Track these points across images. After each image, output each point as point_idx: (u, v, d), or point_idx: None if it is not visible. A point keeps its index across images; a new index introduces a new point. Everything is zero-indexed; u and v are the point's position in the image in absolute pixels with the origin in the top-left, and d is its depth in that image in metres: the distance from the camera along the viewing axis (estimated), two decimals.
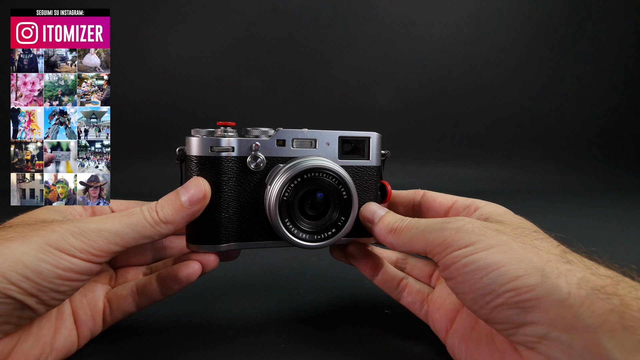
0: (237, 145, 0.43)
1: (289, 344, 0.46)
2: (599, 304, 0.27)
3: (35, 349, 0.36)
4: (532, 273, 0.30)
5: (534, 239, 0.34)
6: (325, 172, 0.43)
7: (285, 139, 0.45)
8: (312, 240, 0.44)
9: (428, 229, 0.38)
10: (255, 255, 0.75)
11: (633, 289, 0.28)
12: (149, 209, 0.38)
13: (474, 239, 0.34)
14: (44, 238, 0.33)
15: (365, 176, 0.48)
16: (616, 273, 0.31)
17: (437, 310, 0.44)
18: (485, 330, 0.37)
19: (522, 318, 0.30)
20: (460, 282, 0.34)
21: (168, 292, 0.43)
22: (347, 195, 0.44)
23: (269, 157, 0.44)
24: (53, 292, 0.33)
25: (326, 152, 0.46)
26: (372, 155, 0.48)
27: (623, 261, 0.33)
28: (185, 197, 0.40)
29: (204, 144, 0.42)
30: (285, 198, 0.42)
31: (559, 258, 0.31)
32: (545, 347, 0.29)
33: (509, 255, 0.32)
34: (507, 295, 0.30)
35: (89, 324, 0.41)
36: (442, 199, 0.48)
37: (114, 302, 0.43)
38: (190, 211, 0.40)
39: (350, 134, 0.47)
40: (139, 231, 0.37)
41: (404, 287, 0.48)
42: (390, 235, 0.41)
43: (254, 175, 0.44)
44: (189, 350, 0.44)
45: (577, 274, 0.29)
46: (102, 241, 0.35)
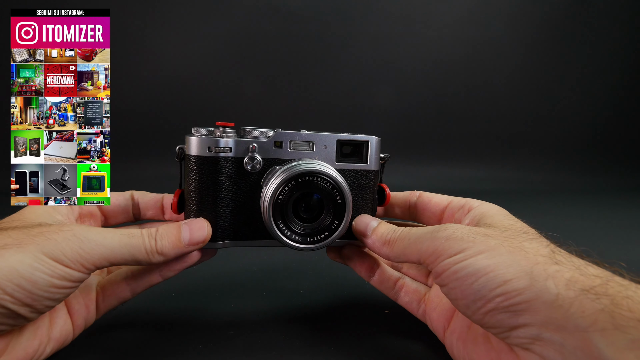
0: (235, 146, 0.43)
1: (288, 344, 0.46)
2: (589, 305, 0.27)
3: (34, 341, 0.36)
4: (521, 276, 0.30)
5: (523, 241, 0.34)
6: (320, 177, 0.43)
7: (283, 140, 0.45)
8: (304, 243, 0.44)
9: (420, 239, 0.38)
10: (255, 255, 0.75)
11: (623, 288, 0.28)
12: (149, 236, 0.38)
13: (464, 245, 0.34)
14: (40, 246, 0.32)
15: (362, 180, 0.48)
16: (606, 272, 0.31)
17: (434, 310, 0.44)
18: (481, 330, 0.37)
19: (514, 321, 0.30)
20: (452, 288, 0.34)
21: (167, 273, 0.43)
22: (341, 200, 0.44)
23: (265, 159, 0.44)
24: (46, 300, 0.33)
25: (324, 154, 0.46)
26: (370, 159, 0.48)
27: (612, 259, 0.33)
28: (187, 237, 0.40)
29: (203, 144, 0.43)
30: (279, 200, 0.42)
31: (547, 259, 0.32)
32: (539, 348, 0.29)
33: (497, 260, 0.32)
34: (497, 300, 0.31)
35: (83, 313, 0.41)
36: (437, 199, 0.49)
37: (108, 289, 0.43)
38: (186, 250, 0.40)
39: (349, 137, 0.47)
40: (133, 254, 0.37)
41: (401, 287, 0.48)
42: (385, 247, 0.42)
43: (250, 176, 0.45)
44: (189, 350, 0.44)
45: (565, 274, 0.30)
46: (96, 255, 0.35)
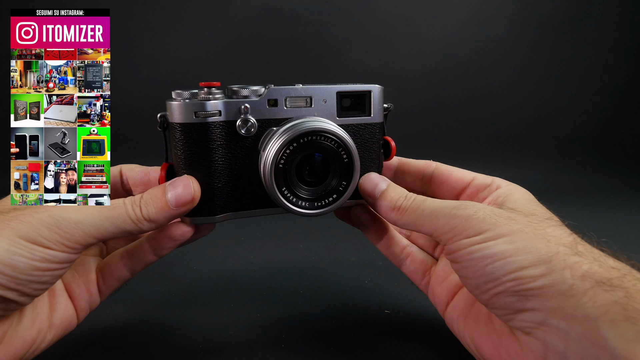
0: (224, 108, 0.39)
1: (289, 344, 0.46)
2: (602, 295, 0.27)
3: (32, 329, 0.35)
4: (538, 264, 0.30)
5: (547, 227, 0.33)
6: (323, 135, 0.39)
7: (278, 98, 0.41)
8: (312, 208, 0.41)
9: (436, 213, 0.36)
10: (255, 255, 0.75)
11: (639, 282, 0.28)
12: (132, 204, 0.36)
13: (485, 227, 0.33)
14: (14, 230, 0.31)
15: (366, 134, 0.44)
16: (624, 265, 0.30)
17: (439, 284, 0.43)
18: (484, 310, 0.36)
19: (521, 305, 0.30)
20: (464, 267, 0.33)
21: (160, 251, 0.41)
22: (348, 159, 0.41)
23: (260, 120, 0.40)
24: (34, 284, 0.32)
25: (323, 110, 0.42)
26: (373, 110, 0.44)
27: (633, 253, 0.33)
28: (172, 196, 0.37)
29: (187, 109, 0.38)
30: (281, 165, 0.39)
31: (568, 250, 0.31)
32: (542, 333, 0.29)
33: (517, 245, 0.31)
34: (509, 284, 0.30)
35: (85, 297, 0.40)
36: (459, 173, 0.46)
37: (106, 270, 0.42)
38: (175, 212, 0.37)
39: (349, 88, 0.43)
40: (119, 225, 0.35)
41: (407, 255, 0.47)
42: (394, 213, 0.39)
43: (245, 141, 0.40)
44: (189, 350, 0.44)
45: (583, 266, 0.29)
46: (78, 234, 0.33)
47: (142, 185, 0.46)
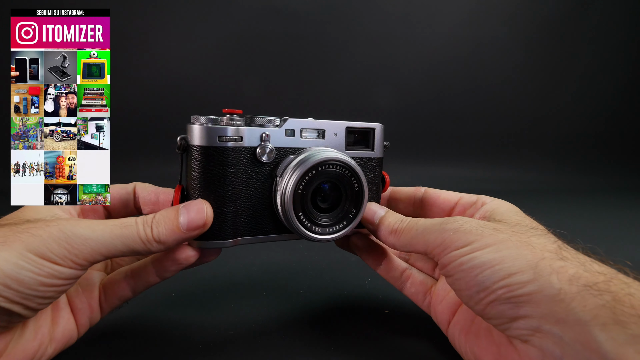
0: (247, 134, 0.41)
1: (289, 344, 0.46)
2: (591, 300, 0.28)
3: (33, 342, 0.36)
4: (525, 270, 0.31)
5: (531, 236, 0.35)
6: (338, 165, 0.42)
7: (294, 128, 0.44)
8: (324, 234, 0.43)
9: (427, 230, 0.38)
10: (255, 255, 0.75)
11: (626, 286, 0.29)
12: (144, 224, 0.36)
13: (472, 238, 0.35)
14: (25, 244, 0.31)
15: (369, 167, 0.47)
16: (610, 269, 0.31)
17: (440, 303, 0.44)
18: (484, 324, 0.37)
19: (515, 312, 0.31)
20: (457, 279, 0.35)
21: (164, 274, 0.42)
22: (359, 187, 0.43)
23: (278, 148, 0.43)
24: (38, 299, 0.32)
25: (334, 142, 0.45)
26: (376, 146, 0.47)
27: (618, 257, 0.33)
28: (185, 220, 0.37)
29: (210, 133, 0.39)
30: (300, 191, 0.41)
31: (553, 255, 0.32)
32: (538, 340, 0.30)
33: (504, 254, 0.32)
34: (500, 291, 0.31)
35: (87, 312, 0.41)
36: (446, 195, 0.49)
37: (109, 288, 0.42)
38: (186, 236, 0.37)
39: (357, 125, 0.46)
40: (129, 245, 0.35)
41: (407, 277, 0.48)
42: (391, 236, 0.42)
43: (264, 167, 0.42)
44: (189, 350, 0.44)
45: (569, 270, 0.30)
46: (86, 250, 0.33)
47: (150, 204, 0.46)
